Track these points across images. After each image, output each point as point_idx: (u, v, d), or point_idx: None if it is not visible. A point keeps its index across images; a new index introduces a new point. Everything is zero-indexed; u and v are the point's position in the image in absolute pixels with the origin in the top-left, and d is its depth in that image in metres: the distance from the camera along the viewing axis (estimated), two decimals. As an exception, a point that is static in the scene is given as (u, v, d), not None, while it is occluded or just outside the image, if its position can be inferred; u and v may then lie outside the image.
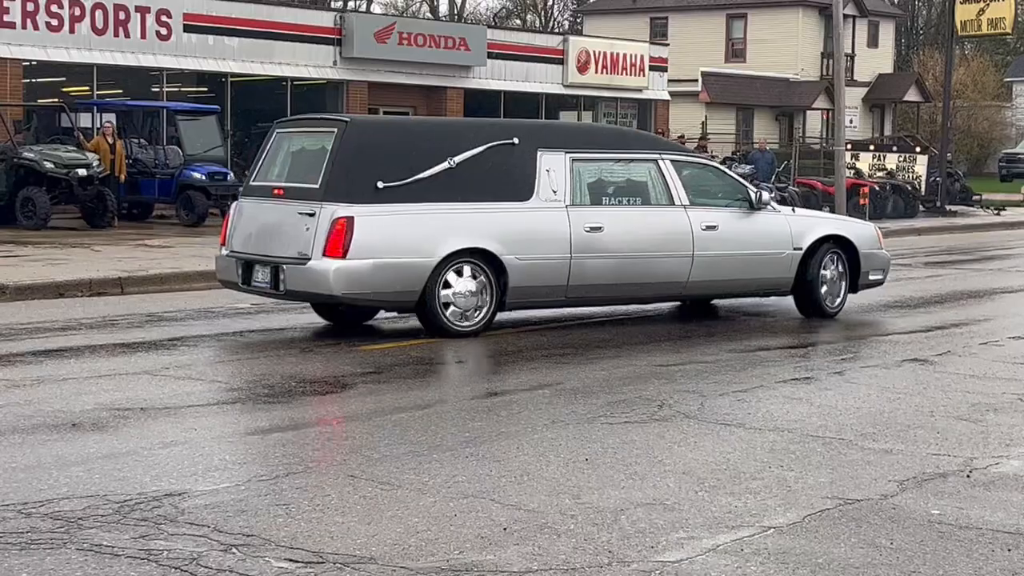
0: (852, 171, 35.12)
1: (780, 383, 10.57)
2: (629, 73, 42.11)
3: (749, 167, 33.08)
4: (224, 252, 13.50)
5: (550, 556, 5.98)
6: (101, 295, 16.07)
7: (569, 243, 13.21)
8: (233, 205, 13.95)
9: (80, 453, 7.75)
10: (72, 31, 29.21)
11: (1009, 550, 6.22)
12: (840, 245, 14.98)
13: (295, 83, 33.99)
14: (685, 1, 61.52)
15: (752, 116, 54.79)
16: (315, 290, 12.44)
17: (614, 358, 11.80)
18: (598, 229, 13.39)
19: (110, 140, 26.25)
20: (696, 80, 52.32)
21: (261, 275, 12.84)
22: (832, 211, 25.17)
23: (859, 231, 15.42)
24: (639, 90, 42.67)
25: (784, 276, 14.66)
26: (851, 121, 55.33)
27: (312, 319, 14.04)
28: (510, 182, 13.15)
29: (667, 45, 46.90)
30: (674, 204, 13.97)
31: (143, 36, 30.43)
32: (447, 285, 12.55)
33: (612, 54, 41.64)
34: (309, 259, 12.28)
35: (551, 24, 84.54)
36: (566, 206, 13.30)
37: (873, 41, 63.45)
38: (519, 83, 38.97)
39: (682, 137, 39.61)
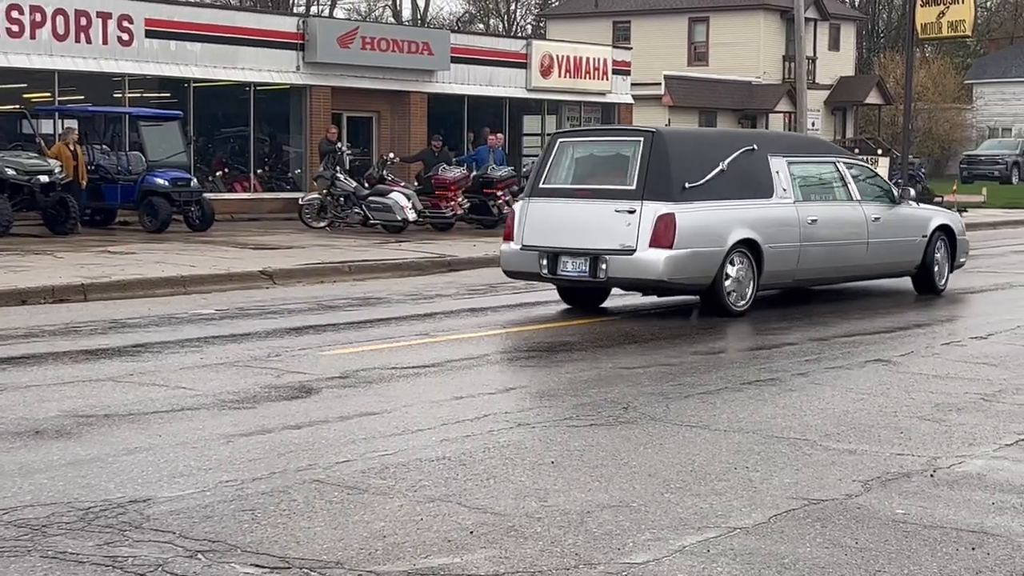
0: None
1: (745, 385, 10.61)
2: (592, 77, 42.16)
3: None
4: (515, 246, 15.27)
5: (517, 559, 5.98)
6: (64, 302, 15.97)
7: (799, 233, 15.55)
8: (519, 204, 15.63)
9: (44, 460, 7.71)
10: (33, 37, 29.02)
11: (973, 548, 6.25)
12: (945, 232, 17.78)
13: (258, 88, 33.86)
14: (647, 5, 61.68)
15: (715, 119, 54.97)
16: (642, 276, 14.43)
17: (579, 361, 11.81)
18: (815, 221, 15.76)
19: (71, 148, 26.08)
20: (659, 83, 52.47)
21: (572, 265, 14.73)
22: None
23: (956, 220, 18.39)
24: (602, 94, 42.73)
25: (915, 259, 17.42)
26: (813, 123, 55.56)
27: (259, 324, 14.02)
28: (755, 182, 15.35)
29: (630, 49, 46.96)
30: (852, 200, 16.57)
31: (104, 42, 30.26)
32: (727, 273, 14.67)
33: (575, 58, 41.68)
34: (634, 250, 14.28)
35: (514, 28, 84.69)
36: (793, 202, 15.61)
37: (834, 44, 63.79)
38: (483, 87, 38.93)
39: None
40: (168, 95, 32.87)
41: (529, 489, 7.18)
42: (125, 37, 30.61)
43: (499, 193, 29.32)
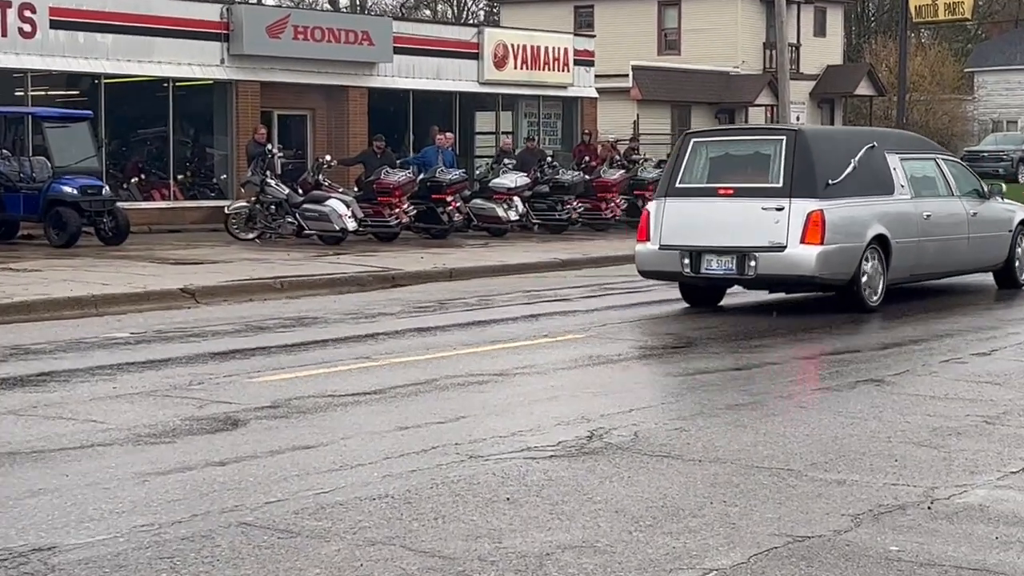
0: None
1: (722, 409, 10.64)
2: (552, 68, 42.27)
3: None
4: (652, 247, 16.83)
5: (468, 608, 5.98)
6: (-40, 326, 15.89)
7: (918, 229, 17.31)
8: (653, 204, 17.19)
9: (-65, 505, 7.66)
10: (-78, 29, 28.90)
11: (974, 588, 6.29)
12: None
13: (178, 84, 33.78)
14: (612, -12, 61.82)
15: (689, 114, 55.14)
16: (793, 272, 16.09)
17: (537, 384, 11.82)
18: (929, 217, 17.55)
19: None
20: (626, 75, 52.57)
21: (717, 263, 16.31)
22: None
23: None
24: (563, 87, 42.85)
25: (1002, 255, 19.23)
26: (798, 118, 55.89)
27: (179, 349, 13.98)
28: (878, 179, 17.04)
29: (593, 37, 47.11)
30: (953, 195, 18.41)
31: (4, 34, 30.12)
32: (864, 269, 16.36)
33: (533, 47, 41.77)
34: (785, 247, 15.91)
35: (465, 15, 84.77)
36: (911, 198, 17.41)
37: (820, 30, 64.11)
38: (430, 81, 38.96)
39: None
40: (77, 93, 32.76)
41: (482, 529, 7.18)
42: (27, 28, 30.48)
43: (449, 199, 29.33)
